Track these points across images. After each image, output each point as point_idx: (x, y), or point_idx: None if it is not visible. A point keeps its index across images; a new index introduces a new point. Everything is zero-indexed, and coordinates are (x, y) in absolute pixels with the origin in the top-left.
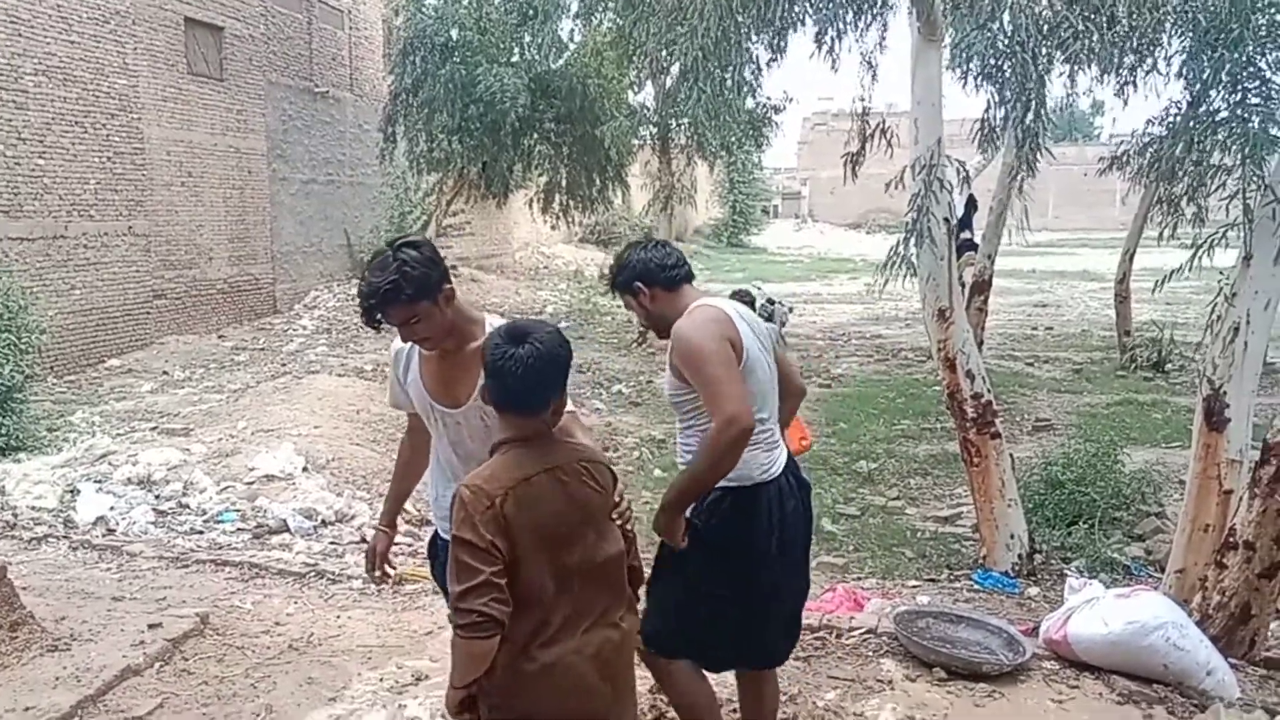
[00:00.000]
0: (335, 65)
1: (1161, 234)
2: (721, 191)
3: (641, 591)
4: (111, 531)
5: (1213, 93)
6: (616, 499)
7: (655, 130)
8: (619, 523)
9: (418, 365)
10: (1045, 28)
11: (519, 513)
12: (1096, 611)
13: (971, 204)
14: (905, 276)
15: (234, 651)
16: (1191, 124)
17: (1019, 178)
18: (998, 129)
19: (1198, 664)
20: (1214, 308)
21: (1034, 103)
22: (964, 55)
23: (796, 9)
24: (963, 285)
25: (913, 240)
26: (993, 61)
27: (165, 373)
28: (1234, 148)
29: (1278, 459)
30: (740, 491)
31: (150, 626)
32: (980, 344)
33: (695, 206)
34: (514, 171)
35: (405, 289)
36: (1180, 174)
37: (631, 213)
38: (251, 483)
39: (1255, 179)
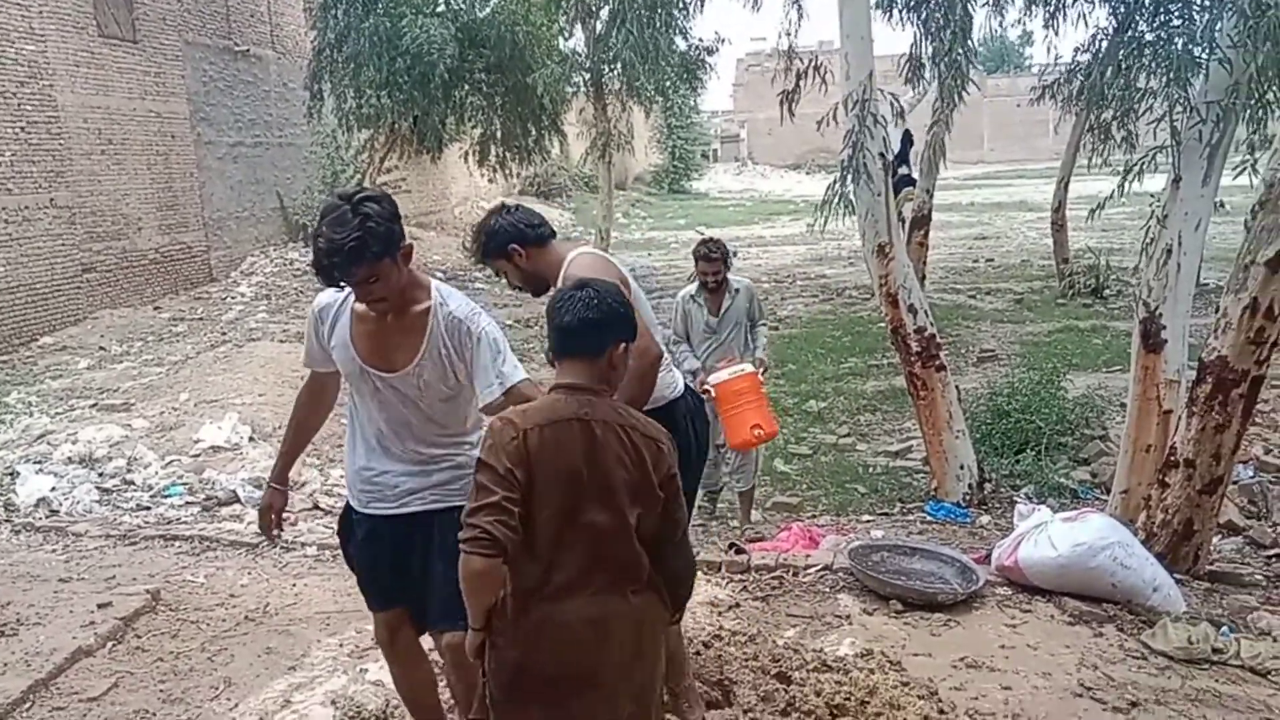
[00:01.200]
0: (255, 22)
1: (1091, 161)
2: (660, 138)
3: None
4: (55, 513)
5: (1137, 18)
6: (657, 479)
7: (588, 76)
8: (654, 506)
9: (347, 325)
10: None
11: (542, 451)
12: (1045, 536)
13: (908, 139)
14: (844, 215)
15: (188, 626)
16: (1119, 50)
17: (948, 111)
18: (925, 63)
19: (1144, 581)
20: (1147, 231)
21: (958, 36)
22: None
23: None
24: (902, 220)
25: (849, 177)
26: None
27: (101, 348)
28: (1159, 71)
29: (1213, 377)
30: (660, 409)
31: (100, 606)
32: (922, 278)
33: (634, 154)
34: (446, 125)
35: (371, 245)
36: (1109, 100)
37: (571, 162)
38: (197, 455)
39: (1180, 101)
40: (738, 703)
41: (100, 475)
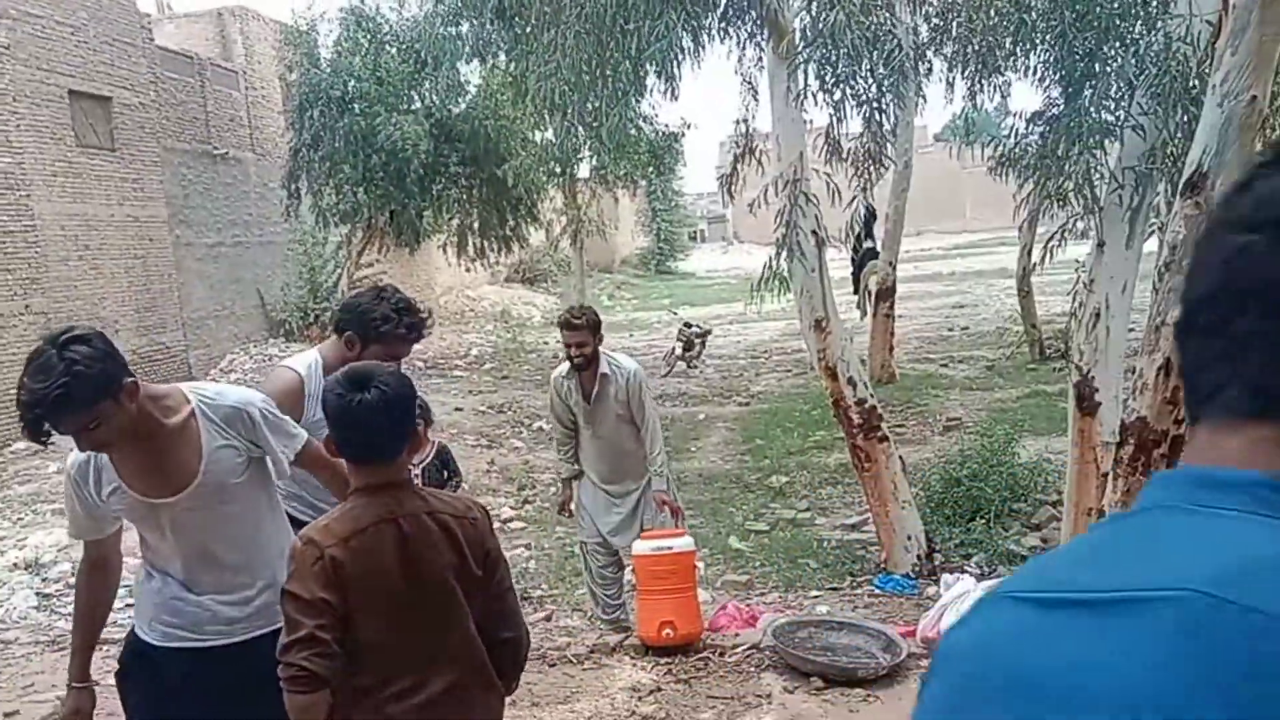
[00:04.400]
0: (234, 126)
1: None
2: (645, 221)
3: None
4: None
5: (1053, 91)
6: (474, 557)
7: (558, 166)
8: (476, 585)
9: (113, 471)
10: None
11: (351, 565)
12: (967, 605)
13: (870, 213)
14: (780, 292)
15: None
16: (1046, 123)
17: (904, 186)
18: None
19: None
20: (1074, 296)
21: (872, 118)
22: (804, 73)
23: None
24: (868, 293)
25: (784, 255)
26: (830, 80)
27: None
28: (1076, 141)
29: (1134, 438)
30: None
31: (6, 715)
32: (891, 349)
33: (619, 237)
34: (424, 218)
35: (79, 393)
36: (1036, 170)
37: (557, 249)
38: None
39: (1097, 168)
40: None
41: (44, 580)
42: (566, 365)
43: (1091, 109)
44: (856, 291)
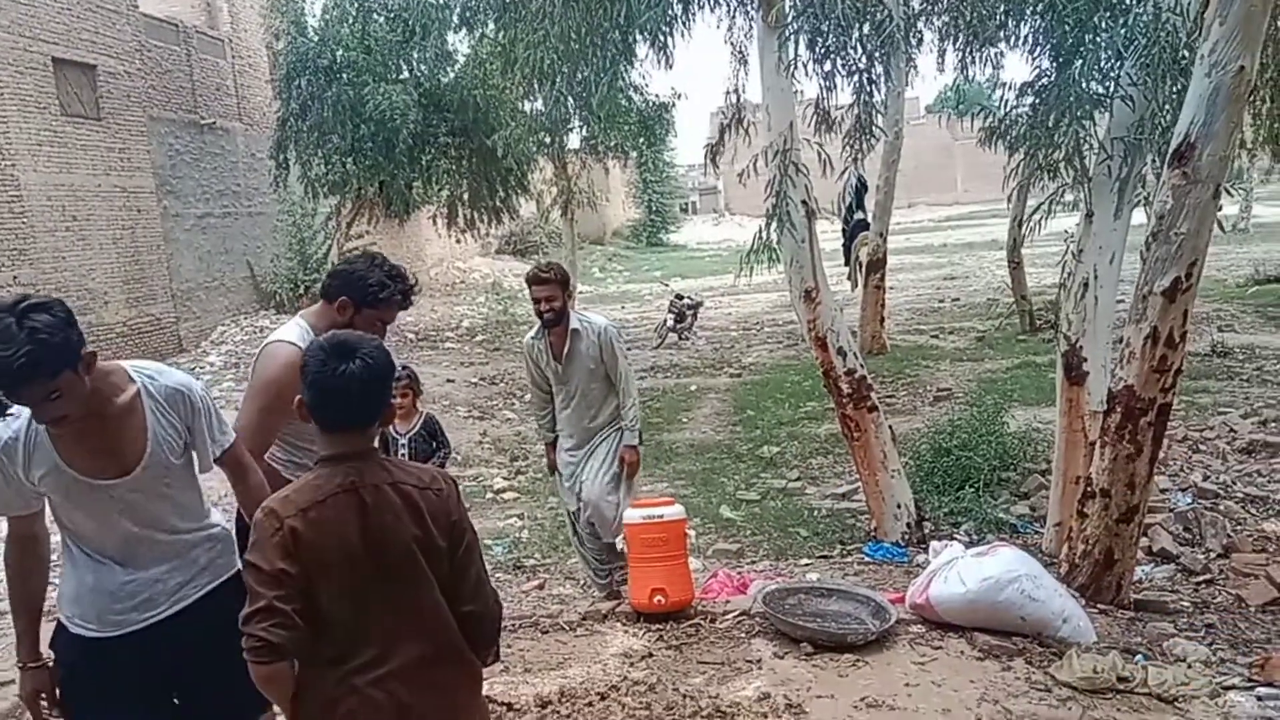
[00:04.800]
0: (220, 95)
1: (1049, 202)
2: (636, 192)
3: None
4: None
5: (1043, 62)
6: (437, 529)
7: (548, 136)
8: (440, 557)
9: (50, 448)
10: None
11: (310, 536)
12: (955, 572)
13: (862, 185)
14: (769, 263)
15: None
16: (1036, 94)
17: (895, 158)
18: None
19: (1053, 613)
20: (1063, 266)
21: (861, 89)
22: (794, 43)
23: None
24: (860, 265)
25: (773, 226)
26: (821, 50)
27: None
28: (1062, 111)
29: (1122, 406)
30: None
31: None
32: (882, 320)
33: (610, 209)
34: (413, 188)
35: (44, 362)
36: (1026, 140)
37: (548, 221)
38: None
39: (1086, 138)
40: None
41: None
42: (536, 327)
43: (1081, 80)
44: (847, 263)
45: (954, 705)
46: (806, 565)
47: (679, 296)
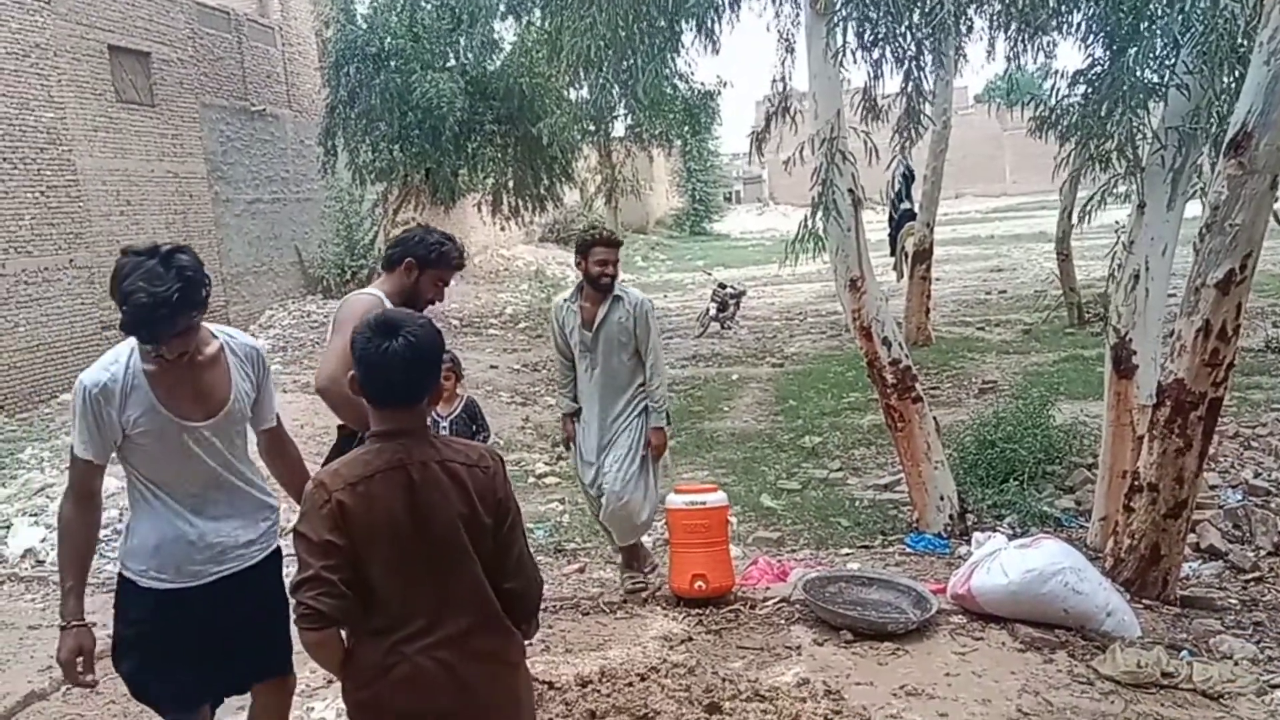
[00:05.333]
0: (270, 83)
1: (1099, 194)
2: (680, 181)
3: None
4: (41, 563)
5: (1098, 50)
6: (483, 507)
7: (593, 124)
8: (484, 534)
9: (147, 391)
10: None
11: (357, 510)
12: (997, 563)
13: (909, 174)
14: (815, 252)
15: None
16: (1089, 83)
17: (942, 147)
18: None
19: (1097, 606)
20: (1113, 257)
21: (911, 75)
22: (842, 30)
23: None
24: (905, 255)
25: (819, 214)
26: (869, 38)
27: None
28: (1116, 100)
29: (1171, 400)
30: None
31: None
32: (927, 312)
33: (653, 198)
34: (459, 176)
35: (192, 296)
36: (1078, 130)
37: (591, 209)
38: None
39: (1140, 128)
40: None
41: None
42: (568, 292)
43: (1136, 68)
44: (893, 254)
45: (994, 696)
46: (847, 555)
47: (722, 285)
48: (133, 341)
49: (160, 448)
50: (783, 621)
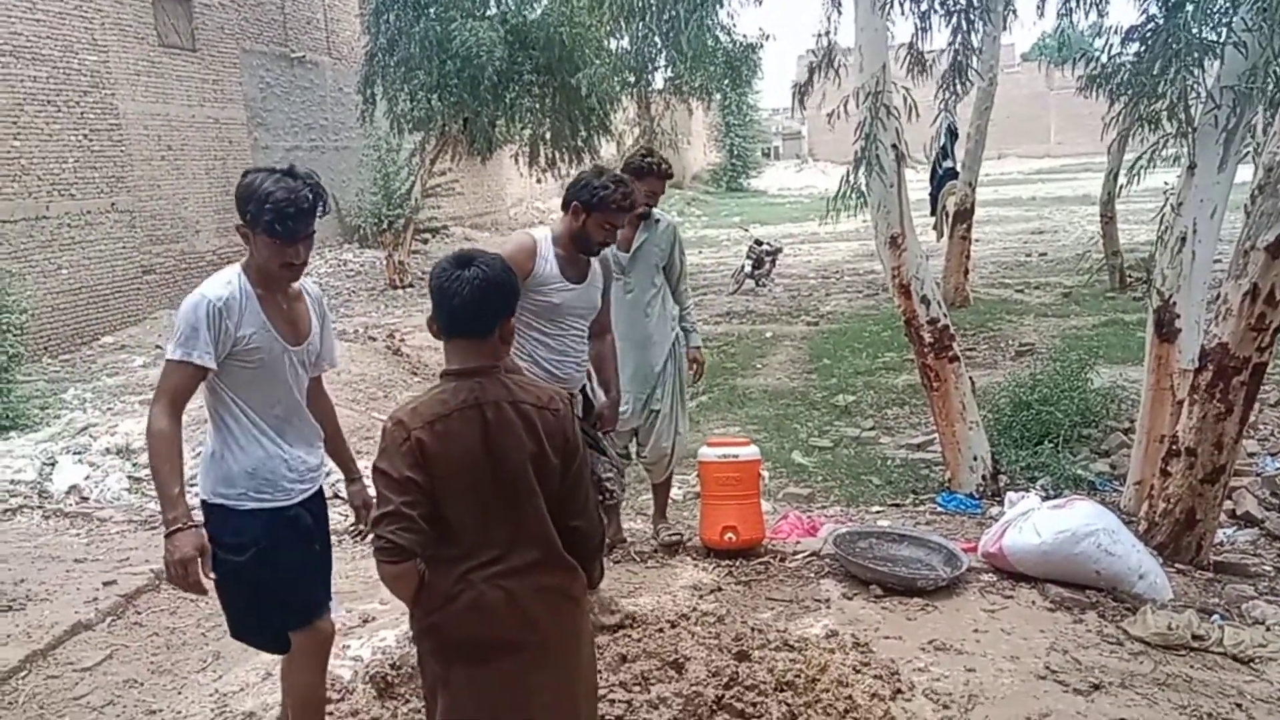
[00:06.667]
0: (311, 29)
1: (1147, 154)
2: (718, 136)
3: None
4: (85, 499)
5: (1153, 6)
6: (551, 448)
7: (633, 75)
8: (552, 475)
9: (259, 310)
10: None
11: (435, 448)
12: (1030, 523)
13: (952, 133)
14: (856, 208)
15: (187, 604)
16: (1142, 40)
17: (987, 105)
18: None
19: (1129, 569)
20: (1161, 219)
21: (959, 30)
22: None
23: None
24: (946, 214)
25: (861, 169)
26: None
27: (159, 346)
28: (1169, 58)
29: (1214, 364)
30: None
31: (105, 584)
32: (966, 272)
33: (691, 152)
34: (496, 126)
35: (322, 200)
36: (1130, 88)
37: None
38: None
39: (1194, 86)
40: (685, 677)
41: (134, 465)
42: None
43: (1192, 25)
44: (934, 213)
45: (1022, 653)
46: (878, 512)
47: (758, 242)
48: (237, 267)
49: (263, 368)
50: (812, 575)
